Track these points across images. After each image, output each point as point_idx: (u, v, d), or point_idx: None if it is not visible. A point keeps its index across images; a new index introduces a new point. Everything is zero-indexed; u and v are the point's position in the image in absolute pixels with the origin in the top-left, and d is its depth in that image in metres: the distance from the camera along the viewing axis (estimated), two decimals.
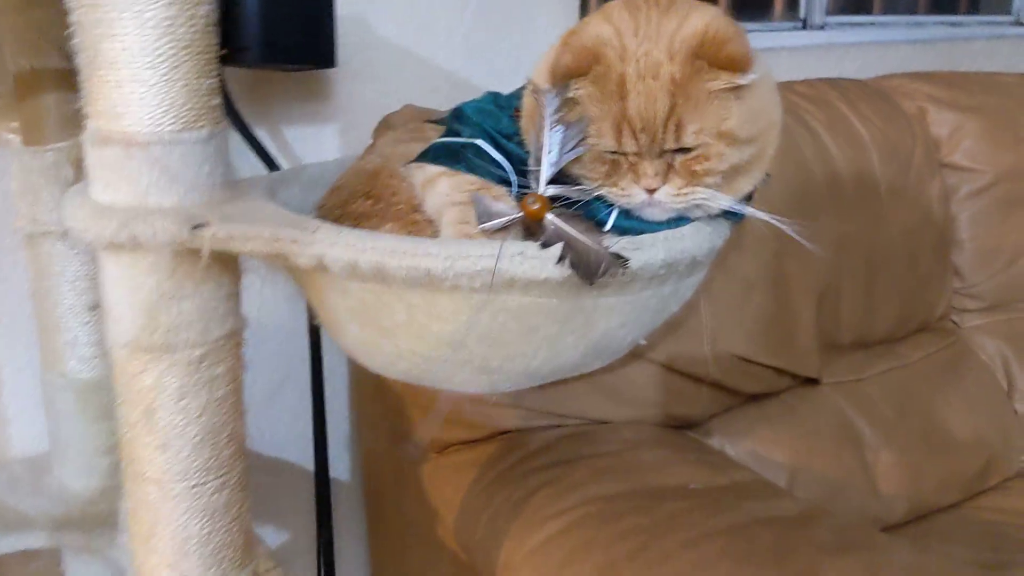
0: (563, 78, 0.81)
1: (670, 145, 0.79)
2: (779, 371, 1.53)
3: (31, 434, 1.44)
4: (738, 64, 0.78)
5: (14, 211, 1.25)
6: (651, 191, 0.81)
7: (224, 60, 1.35)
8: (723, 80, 0.78)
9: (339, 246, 0.78)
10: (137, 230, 0.79)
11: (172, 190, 0.81)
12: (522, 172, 0.86)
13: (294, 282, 0.91)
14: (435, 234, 0.87)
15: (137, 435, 0.87)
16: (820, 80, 1.84)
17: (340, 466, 1.77)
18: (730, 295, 1.44)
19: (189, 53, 0.80)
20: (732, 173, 0.83)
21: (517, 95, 0.97)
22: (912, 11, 2.73)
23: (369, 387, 1.54)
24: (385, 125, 1.42)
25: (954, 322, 1.88)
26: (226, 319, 0.87)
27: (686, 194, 0.81)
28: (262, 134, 1.54)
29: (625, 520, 1.09)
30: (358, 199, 0.94)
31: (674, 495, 1.17)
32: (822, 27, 2.39)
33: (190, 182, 0.82)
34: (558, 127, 0.80)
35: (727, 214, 0.91)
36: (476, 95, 1.75)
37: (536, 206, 0.77)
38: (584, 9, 1.81)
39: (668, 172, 0.81)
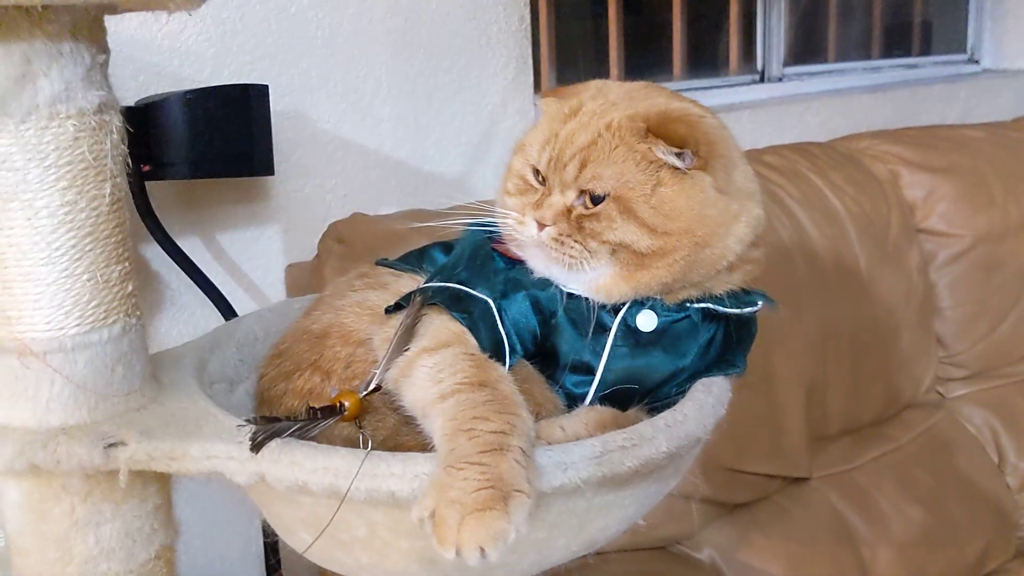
0: (547, 93, 0.85)
1: (570, 177, 0.77)
2: (769, 476, 1.42)
3: None
4: (676, 140, 0.74)
5: None
6: (542, 225, 0.77)
7: (148, 176, 1.24)
8: (656, 149, 0.75)
9: (283, 465, 0.66)
10: (37, 457, 0.65)
11: (80, 403, 0.68)
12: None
13: None
14: (398, 423, 0.75)
15: None
16: (787, 147, 1.76)
17: None
18: None
19: (94, 241, 0.67)
20: (631, 260, 0.76)
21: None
22: (866, 53, 2.67)
23: None
24: (332, 236, 1.29)
25: (939, 393, 1.80)
26: (154, 537, 0.74)
27: (563, 243, 0.76)
28: (194, 243, 1.40)
29: None
30: (304, 371, 0.81)
31: None
32: (780, 79, 2.31)
33: (101, 390, 0.69)
34: None
35: (728, 369, 0.81)
36: (424, 183, 1.65)
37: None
38: (538, 87, 1.71)
39: (562, 218, 0.77)
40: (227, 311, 1.27)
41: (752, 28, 2.30)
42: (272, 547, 1.42)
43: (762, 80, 2.30)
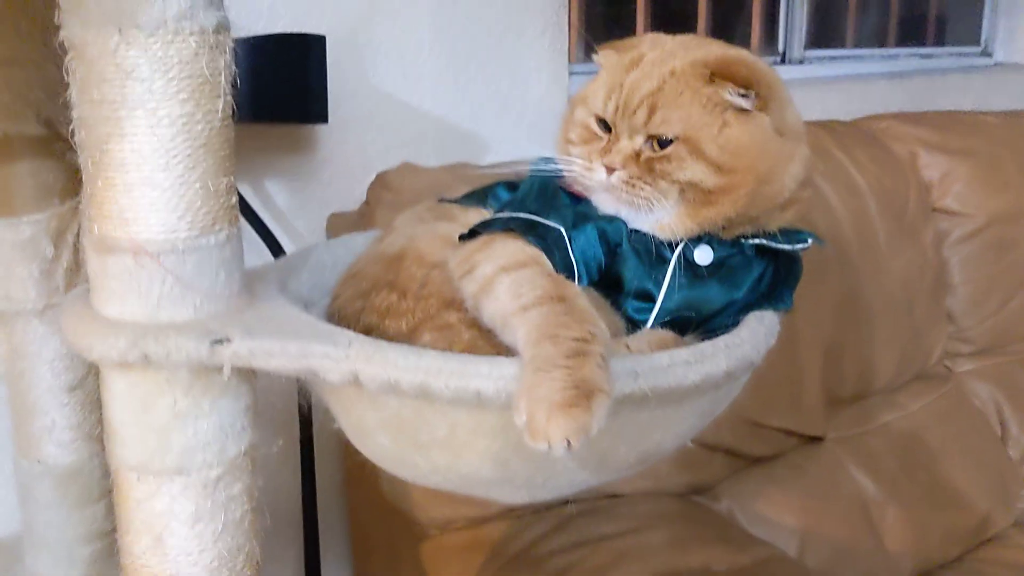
0: (603, 47, 0.90)
1: (639, 123, 0.81)
2: (787, 432, 1.48)
3: None
4: (739, 79, 0.79)
5: None
6: (611, 170, 0.82)
7: None
8: (724, 91, 0.80)
9: (376, 363, 0.71)
10: (149, 348, 0.71)
11: (187, 302, 0.73)
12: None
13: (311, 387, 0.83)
14: (474, 339, 0.80)
15: (145, 564, 0.79)
16: (814, 123, 1.81)
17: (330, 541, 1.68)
18: None
19: (206, 151, 0.72)
20: (697, 198, 0.81)
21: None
22: (883, 42, 2.73)
23: (362, 466, 1.45)
24: (382, 184, 1.35)
25: (947, 367, 1.87)
26: (244, 434, 0.79)
27: (634, 185, 0.81)
28: (243, 188, 1.45)
29: None
30: (381, 290, 0.86)
31: None
32: (801, 61, 2.37)
33: (206, 291, 0.74)
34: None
35: (777, 304, 0.87)
36: (463, 141, 1.70)
37: None
38: (569, 53, 1.76)
39: (631, 162, 0.82)
40: (278, 253, 1.32)
41: (775, 11, 2.35)
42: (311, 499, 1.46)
43: (783, 62, 2.36)
